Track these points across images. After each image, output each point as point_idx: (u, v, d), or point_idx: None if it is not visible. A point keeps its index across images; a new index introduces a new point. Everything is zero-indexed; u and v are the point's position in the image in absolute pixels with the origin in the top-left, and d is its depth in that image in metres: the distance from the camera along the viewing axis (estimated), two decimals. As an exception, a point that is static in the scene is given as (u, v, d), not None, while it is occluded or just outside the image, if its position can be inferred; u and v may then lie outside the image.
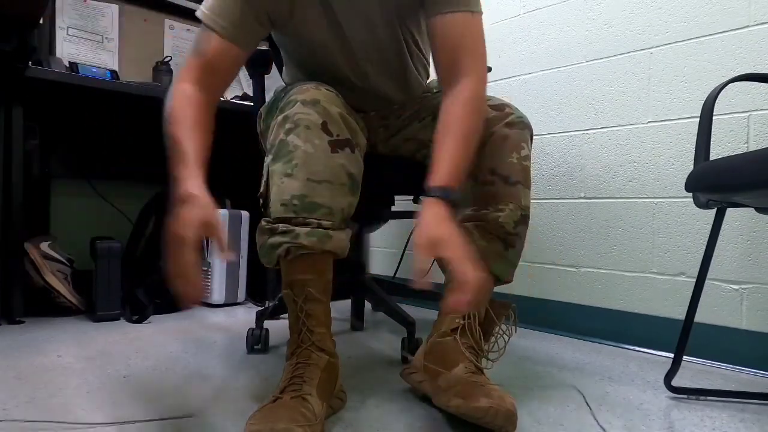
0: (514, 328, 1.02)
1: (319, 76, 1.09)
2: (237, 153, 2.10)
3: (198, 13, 0.99)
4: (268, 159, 0.95)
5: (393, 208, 1.57)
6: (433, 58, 1.01)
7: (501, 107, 1.04)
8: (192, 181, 0.84)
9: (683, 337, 1.10)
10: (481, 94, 0.96)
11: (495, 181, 1.00)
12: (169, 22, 2.30)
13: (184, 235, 0.79)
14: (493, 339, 1.02)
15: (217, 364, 1.24)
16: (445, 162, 0.88)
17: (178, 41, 2.33)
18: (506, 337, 1.01)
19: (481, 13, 0.99)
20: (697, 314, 1.11)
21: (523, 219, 1.02)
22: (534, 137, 1.84)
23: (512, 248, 1.02)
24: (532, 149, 1.86)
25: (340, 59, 1.09)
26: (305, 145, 0.90)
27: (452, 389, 0.88)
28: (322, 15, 1.02)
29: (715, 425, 0.96)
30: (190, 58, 0.98)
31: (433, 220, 0.83)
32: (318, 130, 0.91)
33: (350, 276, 1.60)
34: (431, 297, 1.71)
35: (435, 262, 1.10)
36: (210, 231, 0.81)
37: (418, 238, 0.81)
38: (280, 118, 0.93)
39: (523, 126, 1.03)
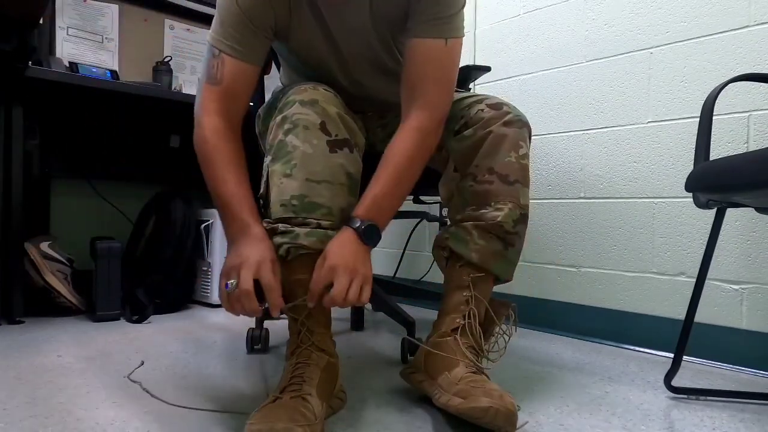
0: (514, 327, 1.02)
1: (317, 81, 1.09)
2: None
3: (207, 38, 1.00)
4: (267, 159, 0.95)
5: (393, 208, 1.56)
6: (401, 76, 1.02)
7: (498, 106, 1.04)
8: (260, 227, 0.90)
9: (683, 337, 1.10)
10: (431, 126, 0.98)
11: (493, 180, 1.00)
12: (169, 22, 2.31)
13: (264, 261, 0.86)
14: (493, 339, 1.02)
15: (217, 364, 1.24)
16: (370, 195, 0.93)
17: (178, 41, 2.33)
18: (506, 337, 1.01)
19: (460, 37, 1.00)
20: (697, 314, 1.11)
21: (523, 218, 1.02)
22: (534, 137, 1.84)
23: (512, 247, 1.02)
24: (531, 149, 1.87)
25: (335, 70, 1.09)
26: (304, 146, 0.90)
27: (452, 389, 0.88)
28: (317, 28, 1.03)
29: (715, 425, 0.95)
30: (207, 86, 0.97)
31: (336, 241, 0.89)
32: (316, 130, 0.91)
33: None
34: (431, 297, 1.72)
35: (435, 262, 1.11)
36: (275, 272, 0.88)
37: (319, 261, 0.88)
38: (278, 118, 0.93)
39: (521, 125, 1.03)
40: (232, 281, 0.85)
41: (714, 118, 1.22)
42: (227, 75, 0.96)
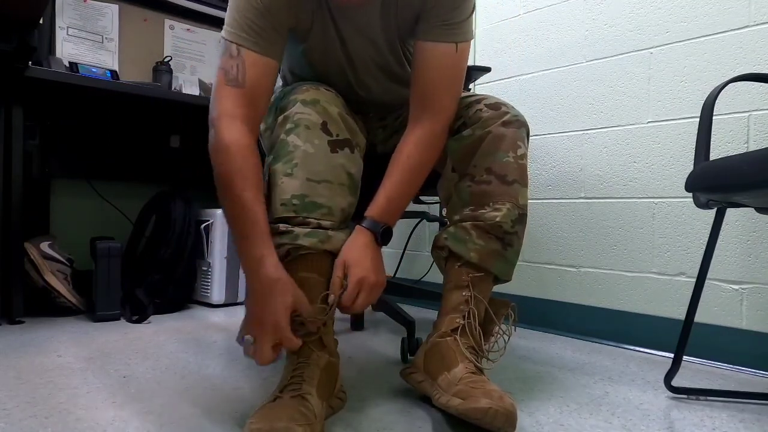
0: (513, 327, 1.02)
1: (323, 81, 1.10)
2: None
3: (223, 34, 0.94)
4: (269, 159, 0.95)
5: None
6: (411, 79, 1.03)
7: (497, 106, 1.04)
8: (273, 261, 0.85)
9: (683, 337, 1.10)
10: (441, 131, 1.02)
11: (492, 180, 1.00)
12: (169, 22, 2.31)
13: (279, 323, 0.83)
14: (493, 339, 1.02)
15: (217, 364, 1.24)
16: (383, 196, 0.97)
17: (178, 41, 2.33)
18: (506, 337, 1.01)
19: (469, 40, 1.02)
20: (697, 314, 1.11)
21: (521, 218, 1.02)
22: (534, 137, 1.84)
23: (510, 247, 1.02)
24: (530, 149, 1.87)
25: (346, 70, 1.10)
26: (305, 145, 0.90)
27: (452, 389, 0.88)
28: (331, 29, 1.03)
29: (715, 425, 0.96)
30: (228, 88, 0.90)
31: (355, 245, 0.93)
32: (318, 130, 0.91)
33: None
34: (431, 297, 1.72)
35: (434, 263, 1.11)
36: (299, 311, 0.86)
37: (338, 258, 0.92)
38: (280, 118, 0.93)
39: (519, 125, 1.03)
40: (248, 337, 0.85)
41: (714, 118, 1.22)
42: (249, 74, 0.91)
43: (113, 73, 1.95)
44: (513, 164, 1.00)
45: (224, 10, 0.98)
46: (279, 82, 1.28)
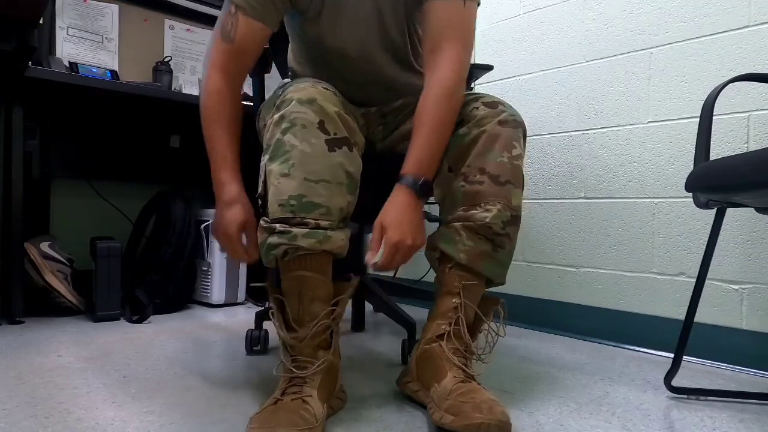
0: (502, 327, 1.01)
1: (328, 61, 1.15)
2: (237, 153, 2.10)
3: None
4: (264, 158, 0.94)
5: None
6: (421, 43, 1.08)
7: (494, 105, 1.03)
8: (234, 185, 0.99)
9: (683, 337, 1.10)
10: (458, 79, 1.00)
11: (484, 180, 0.98)
12: (169, 22, 2.31)
13: (230, 234, 0.98)
14: (480, 335, 1.01)
15: (217, 364, 1.24)
16: (417, 151, 0.97)
17: (178, 41, 2.33)
18: (493, 333, 1.00)
19: (476, 3, 1.04)
20: (697, 314, 1.11)
21: (513, 219, 1.00)
22: (534, 137, 1.84)
23: (502, 249, 1.00)
24: (530, 149, 1.87)
25: (350, 45, 1.11)
26: (302, 145, 0.89)
27: (443, 404, 0.87)
28: (340, 4, 1.06)
29: (715, 425, 0.95)
30: (219, 41, 1.03)
31: (393, 205, 0.95)
32: (315, 129, 0.90)
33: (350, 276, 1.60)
34: (431, 297, 1.72)
35: (430, 265, 1.11)
36: (248, 228, 0.99)
37: (377, 219, 0.94)
38: (276, 116, 0.92)
39: (515, 124, 1.02)
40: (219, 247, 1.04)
41: (714, 118, 1.22)
42: (239, 35, 1.01)
43: (113, 73, 1.95)
44: (507, 165, 0.99)
45: (225, 10, 1.00)
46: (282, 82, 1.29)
